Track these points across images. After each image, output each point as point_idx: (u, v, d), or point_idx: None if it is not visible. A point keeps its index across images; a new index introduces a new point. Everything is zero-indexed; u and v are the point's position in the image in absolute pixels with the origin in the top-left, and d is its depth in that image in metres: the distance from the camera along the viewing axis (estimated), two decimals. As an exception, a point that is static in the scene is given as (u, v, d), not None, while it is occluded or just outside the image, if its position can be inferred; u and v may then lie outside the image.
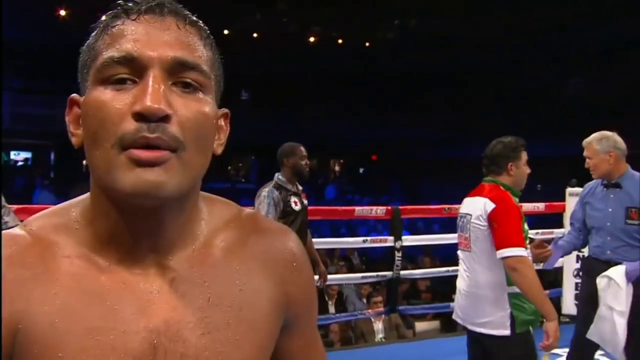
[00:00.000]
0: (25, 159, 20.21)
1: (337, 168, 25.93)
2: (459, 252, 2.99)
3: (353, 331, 5.49)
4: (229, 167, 23.78)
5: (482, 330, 2.81)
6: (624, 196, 3.15)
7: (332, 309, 5.54)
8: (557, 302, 4.98)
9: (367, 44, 19.19)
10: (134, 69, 0.66)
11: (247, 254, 0.76)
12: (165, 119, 0.64)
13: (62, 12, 16.12)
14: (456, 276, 5.43)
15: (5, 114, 17.03)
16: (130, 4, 0.69)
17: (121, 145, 0.64)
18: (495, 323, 2.73)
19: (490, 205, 2.69)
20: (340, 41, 19.18)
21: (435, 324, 5.98)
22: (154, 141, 0.64)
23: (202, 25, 0.73)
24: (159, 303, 0.69)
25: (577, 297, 4.66)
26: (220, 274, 0.73)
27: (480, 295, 2.80)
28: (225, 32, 18.32)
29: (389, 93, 19.51)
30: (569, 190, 4.90)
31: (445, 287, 6.53)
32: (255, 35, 18.66)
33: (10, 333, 0.66)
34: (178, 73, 0.67)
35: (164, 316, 0.69)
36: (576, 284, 4.79)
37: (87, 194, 0.75)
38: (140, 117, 0.64)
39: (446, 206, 4.72)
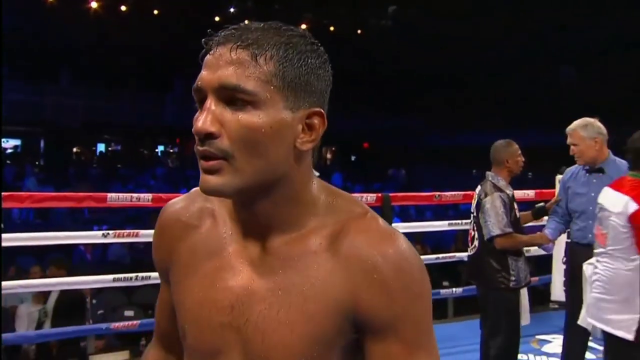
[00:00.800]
0: (15, 147, 20.05)
1: (329, 156, 25.92)
2: (595, 244, 2.84)
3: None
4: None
5: (605, 327, 2.70)
6: (607, 181, 3.16)
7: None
8: (546, 289, 5.03)
9: (358, 32, 19.14)
10: (202, 95, 0.83)
11: (337, 252, 0.84)
12: (212, 135, 0.80)
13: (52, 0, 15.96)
14: (447, 264, 5.47)
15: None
16: (212, 39, 0.85)
17: (197, 154, 0.83)
18: (620, 324, 2.61)
19: (632, 206, 2.54)
20: (332, 28, 19.11)
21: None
22: (203, 153, 0.81)
23: (259, 44, 0.81)
24: (245, 273, 0.86)
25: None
26: (301, 264, 0.84)
27: (611, 293, 2.67)
28: (217, 19, 18.20)
29: (382, 82, 19.46)
30: (558, 177, 4.92)
31: (435, 274, 6.56)
32: (246, 22, 18.53)
33: (169, 259, 0.95)
34: (226, 95, 0.80)
35: (245, 284, 0.86)
36: (565, 270, 4.82)
37: None
38: (196, 135, 0.81)
39: (436, 193, 4.72)
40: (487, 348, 3.29)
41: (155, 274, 3.98)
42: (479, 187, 3.37)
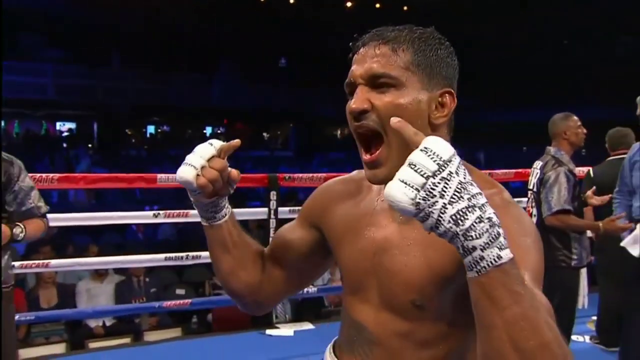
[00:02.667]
0: (70, 129, 20.69)
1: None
2: None
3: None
4: (267, 135, 23.86)
5: None
6: None
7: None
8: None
9: (405, 8, 18.81)
10: (353, 88, 1.04)
11: None
12: (364, 112, 1.00)
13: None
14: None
15: (49, 85, 17.39)
16: (357, 42, 1.07)
17: (357, 140, 1.05)
18: None
19: None
20: (378, 6, 18.85)
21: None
22: (358, 128, 1.02)
23: (396, 39, 1.03)
24: (387, 227, 1.09)
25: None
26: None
27: None
28: (262, -1, 18.23)
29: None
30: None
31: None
32: (292, 1, 18.49)
33: (318, 221, 1.21)
34: (374, 80, 1.01)
35: (385, 236, 1.08)
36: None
37: None
38: (351, 114, 1.02)
39: (488, 171, 4.62)
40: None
41: (205, 254, 4.05)
42: (539, 163, 3.25)
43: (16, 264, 3.37)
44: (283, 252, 1.25)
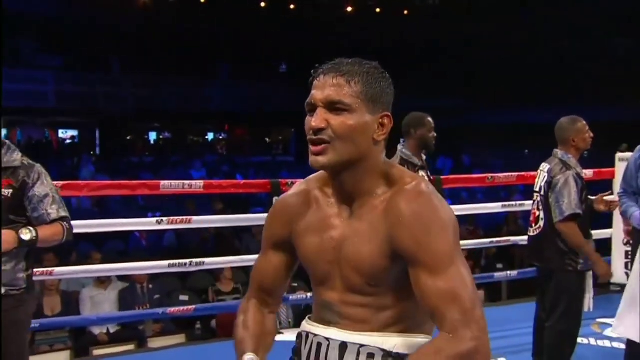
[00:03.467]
0: (72, 137, 20.71)
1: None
2: None
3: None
4: (269, 140, 23.87)
5: None
6: None
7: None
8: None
9: (405, 12, 18.84)
10: (312, 107, 1.29)
11: (387, 208, 1.29)
12: (322, 129, 1.27)
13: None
14: (501, 247, 5.34)
15: (49, 93, 17.41)
16: (318, 70, 1.31)
17: (309, 143, 1.29)
18: None
19: None
20: (378, 10, 18.88)
21: (479, 294, 5.92)
22: (315, 141, 1.28)
23: (350, 73, 1.28)
24: (340, 227, 1.34)
25: (627, 265, 4.52)
26: (370, 217, 1.31)
27: None
28: (262, 4, 18.26)
29: (420, 61, 19.06)
30: (618, 155, 4.72)
31: (489, 257, 6.44)
32: (292, 6, 18.52)
33: (289, 231, 1.41)
34: (331, 105, 1.27)
35: (340, 234, 1.34)
36: (626, 252, 4.65)
37: None
38: (312, 130, 1.28)
39: (489, 175, 4.61)
40: (544, 332, 3.21)
41: (208, 260, 4.05)
42: (545, 165, 3.23)
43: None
44: (274, 279, 1.48)
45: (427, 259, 1.23)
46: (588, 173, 4.78)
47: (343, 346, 1.33)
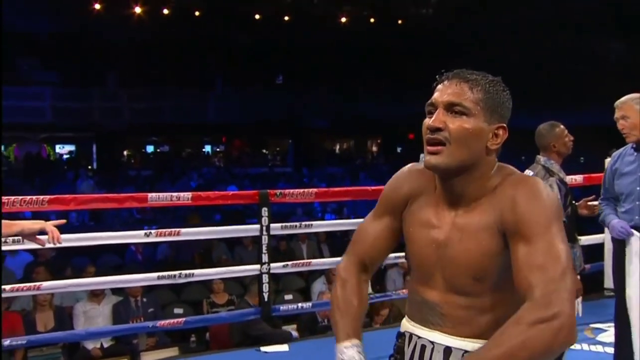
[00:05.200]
0: (70, 152, 20.74)
1: (374, 148, 25.76)
2: None
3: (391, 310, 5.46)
4: (266, 152, 23.88)
5: None
6: None
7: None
8: (598, 276, 4.84)
9: (399, 22, 18.91)
10: (433, 108, 1.36)
11: (494, 194, 1.35)
12: (439, 129, 1.32)
13: (97, 6, 16.39)
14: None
15: (47, 109, 17.46)
16: (443, 76, 1.38)
17: (426, 142, 1.35)
18: None
19: None
20: (372, 20, 18.96)
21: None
22: (431, 140, 1.33)
23: (474, 80, 1.35)
24: (444, 226, 1.39)
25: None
26: (475, 210, 1.36)
27: None
28: (257, 17, 18.33)
29: (416, 69, 19.11)
30: (607, 160, 4.72)
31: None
32: (286, 18, 18.60)
33: (406, 202, 1.47)
34: (451, 107, 1.33)
35: (445, 231, 1.38)
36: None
37: None
38: (429, 129, 1.34)
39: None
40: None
41: (198, 271, 4.04)
42: (529, 172, 3.22)
43: (7, 287, 3.36)
44: (378, 248, 1.52)
45: (523, 229, 1.27)
46: (578, 179, 4.79)
47: (447, 350, 1.36)
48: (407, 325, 1.47)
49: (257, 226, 3.94)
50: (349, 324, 1.41)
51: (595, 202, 3.42)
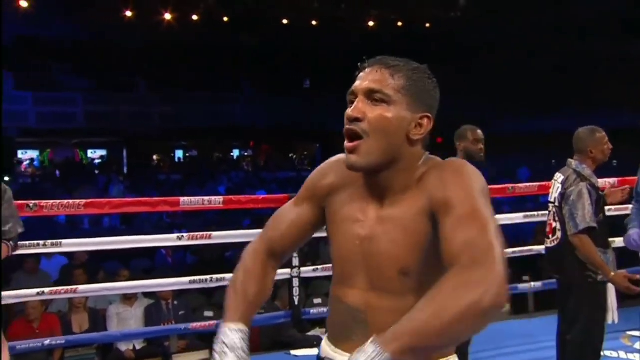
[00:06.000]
0: (102, 157, 21.12)
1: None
2: None
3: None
4: (294, 156, 23.96)
5: None
6: None
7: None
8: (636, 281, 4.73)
9: (427, 25, 18.84)
10: (353, 97, 1.29)
11: (421, 180, 1.28)
12: (358, 119, 1.25)
13: (128, 14, 16.68)
14: (526, 257, 5.24)
15: (79, 114, 17.83)
16: (364, 63, 1.32)
17: (344, 133, 1.28)
18: None
19: None
20: (399, 24, 18.91)
21: (505, 306, 5.82)
22: (350, 131, 1.27)
23: (396, 67, 1.28)
24: (368, 221, 1.31)
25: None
26: (401, 200, 1.28)
27: None
28: (285, 21, 18.44)
29: (443, 72, 18.95)
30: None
31: (513, 269, 6.33)
32: (314, 22, 18.67)
33: (328, 192, 1.39)
34: (371, 94, 1.26)
35: (370, 225, 1.30)
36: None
37: None
38: (347, 118, 1.27)
39: (510, 185, 4.56)
40: (566, 346, 3.14)
41: (229, 276, 4.08)
42: (559, 176, 3.18)
43: (46, 289, 3.45)
44: (292, 236, 1.44)
45: (451, 202, 1.20)
46: (612, 182, 4.71)
47: None
48: (327, 350, 1.36)
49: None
50: (242, 308, 1.32)
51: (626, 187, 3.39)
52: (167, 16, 16.96)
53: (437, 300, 1.05)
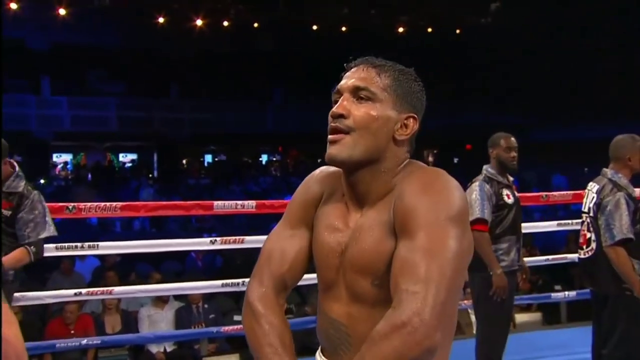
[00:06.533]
0: (132, 160, 21.46)
1: (430, 159, 25.50)
2: None
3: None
4: (321, 161, 23.97)
5: None
6: None
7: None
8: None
9: (457, 31, 18.74)
10: (339, 96, 1.28)
11: (394, 190, 1.24)
12: (342, 116, 1.24)
13: (161, 20, 16.97)
14: (558, 265, 5.16)
15: (112, 118, 18.16)
16: (349, 63, 1.32)
17: (328, 131, 1.25)
18: None
19: None
20: (429, 30, 18.85)
21: (537, 315, 5.74)
22: (334, 128, 1.25)
23: (382, 66, 1.28)
24: (348, 228, 1.27)
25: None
26: (375, 208, 1.25)
27: None
28: (314, 27, 18.53)
29: (474, 79, 18.82)
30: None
31: (546, 277, 6.25)
32: (344, 28, 18.72)
33: (315, 206, 1.36)
34: (357, 92, 1.25)
35: (349, 234, 1.26)
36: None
37: None
38: (331, 115, 1.26)
39: (544, 194, 4.51)
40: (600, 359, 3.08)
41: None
42: (594, 185, 3.12)
43: (83, 290, 3.53)
44: (296, 266, 1.36)
45: (407, 225, 1.15)
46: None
47: None
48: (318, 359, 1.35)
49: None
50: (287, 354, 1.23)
51: None
52: (199, 22, 17.21)
53: (371, 349, 1.08)
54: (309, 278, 4.15)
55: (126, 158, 21.60)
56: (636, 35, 15.19)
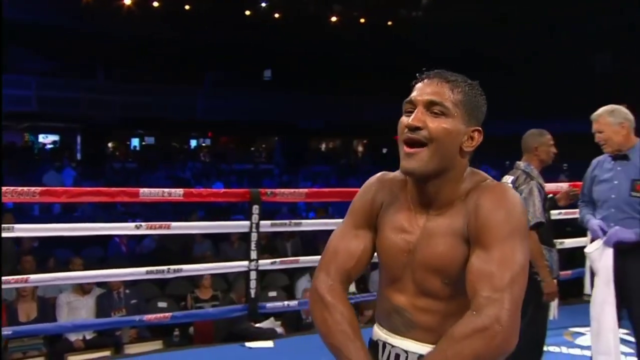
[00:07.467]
0: (54, 142, 20.52)
1: (360, 149, 25.83)
2: None
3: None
4: (252, 149, 23.82)
5: None
6: (632, 168, 3.07)
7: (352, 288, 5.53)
8: (579, 282, 4.93)
9: (389, 23, 19.00)
10: (412, 106, 1.36)
11: (464, 200, 1.36)
12: (418, 128, 1.33)
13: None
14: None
15: (32, 97, 17.26)
16: (423, 75, 1.40)
17: (403, 142, 1.35)
18: None
19: None
20: (362, 20, 19.02)
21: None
22: (410, 139, 1.34)
23: (454, 82, 1.37)
24: (415, 229, 1.40)
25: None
26: (445, 214, 1.37)
27: None
28: (247, 12, 18.29)
29: (408, 71, 19.16)
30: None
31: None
32: (277, 15, 18.58)
33: (379, 210, 1.47)
34: (431, 106, 1.34)
35: (416, 237, 1.39)
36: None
37: None
38: (407, 127, 1.34)
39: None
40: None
41: (187, 267, 4.06)
42: (509, 177, 3.28)
43: None
44: (360, 262, 1.48)
45: (482, 237, 1.30)
46: (564, 186, 4.87)
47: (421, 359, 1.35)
48: (379, 333, 1.47)
49: (247, 222, 3.97)
50: (362, 352, 1.36)
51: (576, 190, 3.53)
52: (127, 1, 16.60)
53: (445, 350, 1.23)
54: (238, 265, 4.09)
55: (47, 139, 20.64)
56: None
